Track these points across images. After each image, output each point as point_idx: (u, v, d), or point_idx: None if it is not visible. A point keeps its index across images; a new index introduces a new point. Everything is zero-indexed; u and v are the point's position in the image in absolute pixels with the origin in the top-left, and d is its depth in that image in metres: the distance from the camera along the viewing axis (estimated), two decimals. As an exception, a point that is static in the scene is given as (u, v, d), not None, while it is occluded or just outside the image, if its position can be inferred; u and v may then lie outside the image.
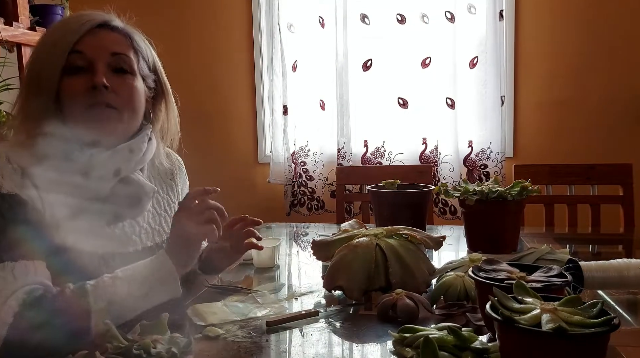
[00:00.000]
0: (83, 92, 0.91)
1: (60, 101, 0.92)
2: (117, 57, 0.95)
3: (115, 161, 0.95)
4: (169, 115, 1.08)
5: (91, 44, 0.92)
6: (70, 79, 0.91)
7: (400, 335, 0.75)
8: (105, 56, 0.93)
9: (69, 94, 0.91)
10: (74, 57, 0.91)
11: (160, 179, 1.12)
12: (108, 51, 0.94)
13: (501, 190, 1.30)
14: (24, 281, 0.81)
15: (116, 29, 0.97)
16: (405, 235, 1.11)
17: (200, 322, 0.91)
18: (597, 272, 0.94)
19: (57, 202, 0.90)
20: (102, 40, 0.94)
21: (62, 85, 0.91)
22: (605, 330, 0.58)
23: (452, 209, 2.59)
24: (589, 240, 1.71)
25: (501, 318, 0.61)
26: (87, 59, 0.92)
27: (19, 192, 0.86)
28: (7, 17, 1.98)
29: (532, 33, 2.52)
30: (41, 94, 0.91)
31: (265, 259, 1.28)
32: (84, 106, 0.92)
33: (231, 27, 2.77)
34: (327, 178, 2.68)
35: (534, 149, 2.58)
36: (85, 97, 0.91)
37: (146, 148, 1.00)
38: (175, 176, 1.16)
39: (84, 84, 0.91)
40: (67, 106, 0.92)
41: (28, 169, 0.88)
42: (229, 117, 2.83)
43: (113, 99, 0.93)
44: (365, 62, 2.60)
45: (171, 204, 1.12)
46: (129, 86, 0.96)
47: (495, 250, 1.26)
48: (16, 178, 0.86)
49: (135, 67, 0.98)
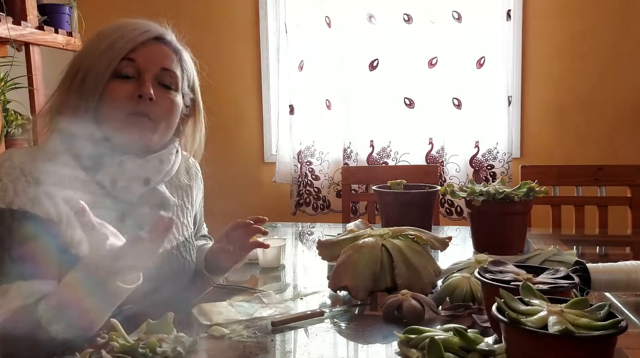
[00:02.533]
0: (128, 98, 0.92)
1: (102, 103, 0.92)
2: (165, 72, 0.97)
3: (146, 170, 0.95)
4: (195, 133, 1.09)
5: (144, 54, 0.94)
6: (117, 83, 0.92)
7: (405, 336, 0.75)
8: (155, 69, 0.95)
9: (113, 97, 0.92)
10: (125, 64, 0.92)
11: (177, 184, 1.12)
12: (159, 65, 0.95)
13: (508, 191, 1.29)
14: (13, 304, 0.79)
15: (169, 44, 0.99)
16: (411, 236, 1.11)
17: (206, 321, 0.91)
18: (604, 274, 0.94)
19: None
20: (155, 53, 0.95)
21: (108, 88, 0.91)
22: (612, 332, 0.57)
23: (458, 210, 2.58)
24: (596, 242, 1.70)
25: (507, 320, 0.61)
26: (137, 68, 0.93)
27: (32, 207, 0.84)
28: (15, 17, 1.99)
29: (539, 33, 2.51)
30: (83, 93, 0.91)
31: (271, 259, 1.28)
32: (125, 112, 0.92)
33: (238, 27, 2.78)
34: (333, 177, 2.68)
35: (541, 150, 2.57)
36: (129, 104, 0.92)
37: (174, 161, 1.01)
38: (191, 183, 1.16)
39: (130, 91, 0.92)
40: (108, 109, 0.92)
41: (43, 179, 0.86)
42: (235, 116, 2.84)
43: (153, 111, 0.95)
44: (371, 62, 2.60)
45: (184, 210, 1.12)
46: (171, 102, 0.98)
47: (502, 251, 1.26)
48: (30, 191, 0.85)
49: (179, 85, 1.00)
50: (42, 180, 0.87)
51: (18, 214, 0.83)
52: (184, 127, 1.07)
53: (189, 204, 1.14)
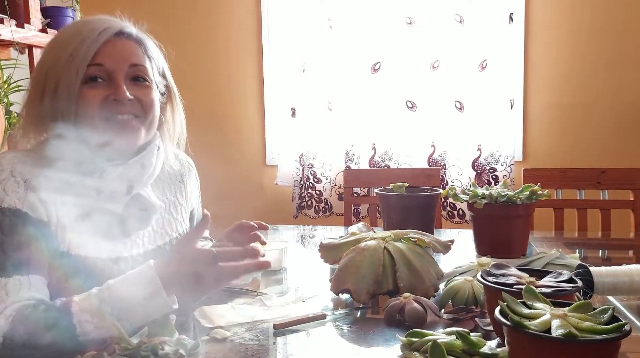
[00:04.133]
0: (103, 103, 0.92)
1: (79, 111, 0.91)
2: (135, 68, 0.96)
3: (128, 178, 0.95)
4: (174, 117, 1.09)
5: (109, 55, 0.93)
6: (90, 90, 0.91)
7: (408, 339, 0.75)
8: (123, 67, 0.94)
9: (89, 105, 0.91)
10: (92, 69, 0.91)
11: (168, 181, 1.12)
12: (126, 62, 0.95)
13: (510, 194, 1.29)
14: (16, 297, 0.81)
15: (131, 37, 0.98)
16: (413, 239, 1.10)
17: (208, 324, 0.91)
18: (608, 277, 0.93)
19: (64, 210, 0.90)
20: (119, 51, 0.94)
21: (82, 96, 0.91)
22: (616, 336, 0.57)
23: (460, 213, 2.58)
24: (599, 245, 1.69)
25: (510, 324, 0.60)
26: (106, 70, 0.93)
27: (21, 206, 0.86)
28: (18, 19, 1.99)
29: (542, 36, 2.51)
30: (58, 103, 0.91)
31: (273, 261, 1.28)
32: (105, 117, 0.92)
33: (240, 29, 2.78)
34: (335, 180, 2.68)
35: (543, 153, 2.56)
36: (107, 108, 0.92)
37: (155, 162, 1.01)
38: (184, 179, 1.16)
39: (103, 95, 0.92)
40: (86, 117, 0.92)
41: (33, 181, 0.88)
42: (237, 119, 2.84)
43: (136, 108, 0.95)
44: (373, 65, 2.60)
45: (177, 206, 1.12)
46: (149, 95, 0.97)
47: (504, 255, 1.26)
48: (20, 190, 0.86)
49: (151, 76, 0.99)
50: (32, 181, 0.88)
51: (9, 212, 0.85)
52: (164, 116, 1.07)
53: (183, 200, 1.14)
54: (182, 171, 1.16)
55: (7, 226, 0.84)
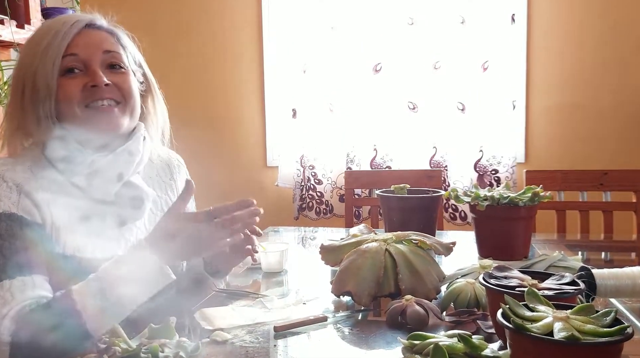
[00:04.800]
0: (82, 91, 0.93)
1: (59, 104, 0.93)
2: (108, 54, 0.97)
3: (117, 166, 0.96)
4: (156, 107, 1.10)
5: (83, 44, 0.94)
6: (68, 80, 0.93)
7: (409, 342, 0.74)
8: (97, 54, 0.95)
9: (68, 95, 0.92)
10: (68, 60, 0.93)
11: (158, 179, 1.12)
12: (99, 49, 0.96)
13: (512, 196, 1.28)
14: (22, 297, 0.82)
15: (101, 28, 1.00)
16: (414, 241, 1.10)
17: (208, 326, 0.91)
18: (610, 280, 0.93)
19: (58, 212, 0.90)
20: (92, 39, 0.96)
21: (60, 87, 0.92)
22: (618, 339, 0.57)
23: (462, 215, 2.57)
24: (602, 247, 1.69)
25: (513, 326, 0.60)
26: (80, 60, 0.94)
27: (16, 209, 0.87)
28: (19, 20, 2.00)
29: (544, 37, 2.51)
30: (39, 100, 0.92)
31: (273, 263, 1.28)
32: (85, 105, 0.93)
33: (241, 30, 2.78)
34: (336, 181, 2.68)
35: (545, 155, 2.56)
36: (86, 96, 0.93)
37: (143, 150, 1.02)
38: (174, 176, 1.16)
39: (81, 84, 0.93)
40: (67, 108, 0.93)
41: (25, 185, 0.89)
42: (238, 120, 2.84)
43: (116, 94, 0.96)
44: (375, 66, 2.59)
45: (169, 203, 1.12)
46: (126, 81, 0.98)
47: (506, 257, 1.25)
48: (13, 195, 0.87)
49: (126, 62, 1.00)
50: (24, 186, 0.89)
51: (4, 216, 0.86)
52: (146, 107, 1.08)
53: (174, 197, 1.14)
54: (171, 168, 1.16)
55: (4, 231, 0.85)
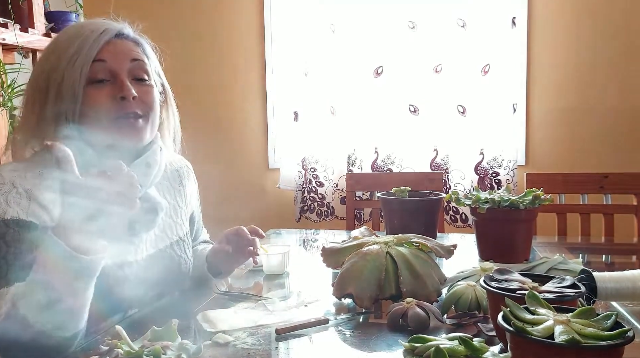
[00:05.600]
0: (110, 103, 0.92)
1: (84, 112, 0.92)
2: (135, 63, 0.97)
3: None
4: (170, 116, 1.10)
5: (111, 53, 0.94)
6: (95, 90, 0.92)
7: (410, 344, 0.74)
8: (125, 63, 0.95)
9: (95, 104, 0.92)
10: (96, 67, 0.92)
11: (168, 184, 1.12)
12: (127, 58, 0.96)
13: (513, 199, 1.29)
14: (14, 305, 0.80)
15: (129, 37, 0.99)
16: (416, 243, 1.10)
17: (210, 328, 0.91)
18: (611, 283, 0.93)
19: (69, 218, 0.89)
20: (120, 49, 0.96)
21: (87, 95, 0.91)
22: (619, 342, 0.57)
23: (463, 217, 2.57)
24: (602, 250, 1.69)
25: (513, 329, 0.60)
26: (108, 68, 0.93)
27: (25, 215, 0.86)
28: (22, 24, 2.00)
29: (544, 40, 2.51)
30: (62, 103, 0.91)
31: (275, 265, 1.28)
32: (111, 117, 0.93)
33: (242, 33, 2.79)
34: (337, 184, 2.68)
35: (546, 158, 2.56)
36: (113, 108, 0.93)
37: (160, 161, 1.02)
38: (183, 181, 1.16)
39: (109, 95, 0.93)
40: (93, 117, 0.92)
41: (35, 191, 0.88)
42: (239, 122, 2.84)
43: (141, 107, 0.96)
44: (376, 69, 2.60)
45: (177, 209, 1.13)
46: (151, 94, 0.99)
47: (507, 259, 1.25)
48: (22, 201, 0.87)
49: (151, 74, 1.00)
50: (34, 191, 0.88)
51: (11, 223, 0.85)
52: (162, 116, 1.08)
53: (183, 203, 1.14)
54: (180, 174, 1.16)
55: (10, 238, 0.84)
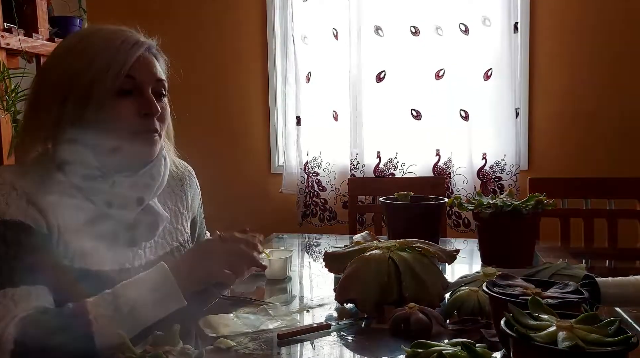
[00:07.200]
0: (133, 117, 0.93)
1: (106, 121, 0.91)
2: (159, 83, 0.98)
3: (137, 190, 0.96)
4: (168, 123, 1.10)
5: (140, 69, 0.94)
6: (122, 101, 0.92)
7: (413, 350, 0.74)
8: (152, 81, 0.96)
9: (120, 116, 0.92)
10: (126, 81, 0.92)
11: (169, 190, 1.12)
12: (154, 77, 0.96)
13: (516, 203, 1.28)
14: (25, 306, 0.81)
15: (152, 52, 0.99)
16: (418, 248, 1.10)
17: (212, 333, 0.91)
18: (614, 288, 0.92)
19: (67, 224, 0.90)
20: (148, 66, 0.96)
21: (113, 106, 0.91)
22: (623, 348, 0.57)
23: (465, 222, 2.57)
24: (606, 255, 1.68)
25: (516, 335, 0.60)
26: (137, 84, 0.94)
27: (24, 218, 0.86)
28: (26, 29, 2.01)
29: (546, 45, 2.51)
30: (85, 109, 0.90)
31: (277, 270, 1.28)
32: (132, 131, 0.93)
33: (245, 38, 2.80)
34: (340, 188, 2.68)
35: (549, 162, 2.55)
36: (135, 122, 0.93)
37: (163, 173, 1.01)
38: (185, 187, 1.16)
39: (135, 109, 0.93)
40: (115, 128, 0.92)
41: (34, 194, 0.88)
42: (242, 127, 2.85)
43: (159, 124, 0.97)
44: (378, 74, 2.60)
45: (179, 215, 1.12)
46: (167, 111, 1.00)
47: (510, 265, 1.25)
48: (22, 203, 0.87)
49: (167, 90, 1.01)
50: (33, 194, 0.88)
51: (11, 224, 0.85)
52: None
53: (184, 209, 1.14)
54: (182, 180, 1.16)
55: (10, 239, 0.84)
